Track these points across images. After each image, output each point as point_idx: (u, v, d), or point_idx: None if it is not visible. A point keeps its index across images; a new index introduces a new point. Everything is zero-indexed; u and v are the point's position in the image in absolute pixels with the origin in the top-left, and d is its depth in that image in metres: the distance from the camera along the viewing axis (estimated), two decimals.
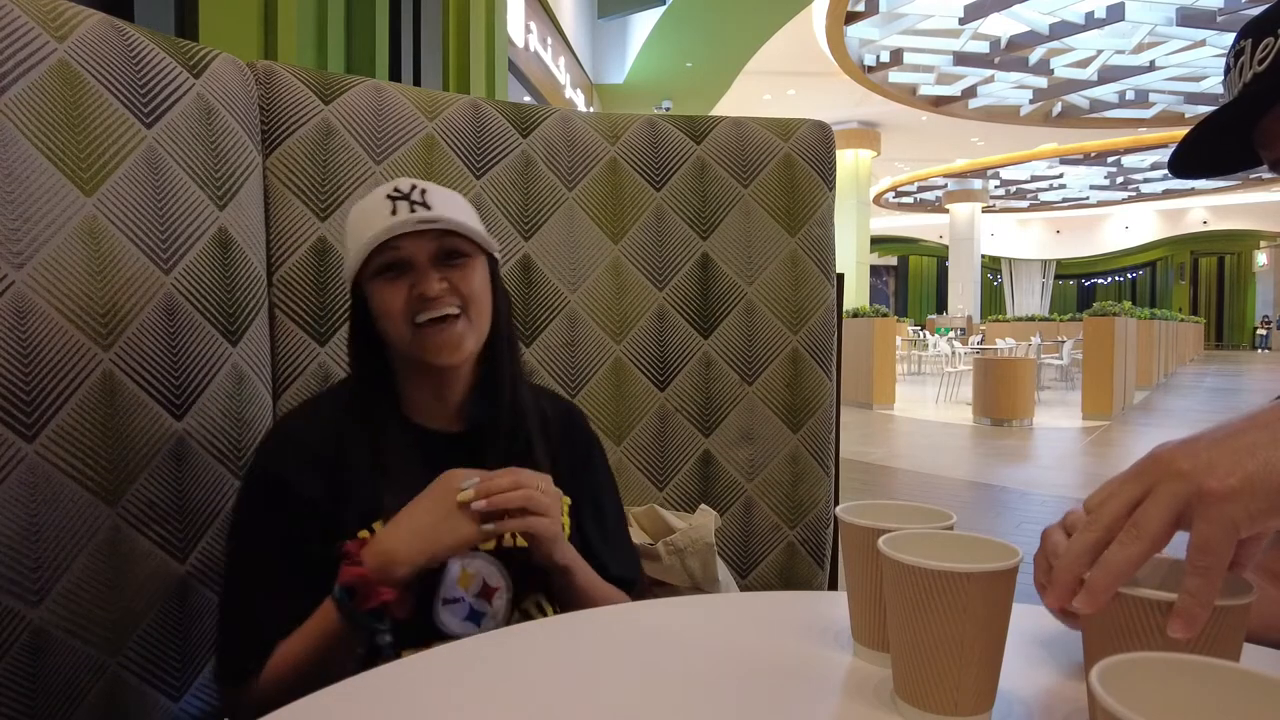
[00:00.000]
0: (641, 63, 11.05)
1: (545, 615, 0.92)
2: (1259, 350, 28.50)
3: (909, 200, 27.75)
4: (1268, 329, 28.97)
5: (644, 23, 10.34)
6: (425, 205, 0.89)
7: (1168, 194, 26.85)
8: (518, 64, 7.66)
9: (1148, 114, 16.53)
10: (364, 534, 0.85)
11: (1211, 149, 0.84)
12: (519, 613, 0.92)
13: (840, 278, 1.50)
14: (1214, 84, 14.90)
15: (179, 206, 0.97)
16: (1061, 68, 14.23)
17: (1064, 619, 0.58)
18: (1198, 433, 0.50)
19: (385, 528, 0.82)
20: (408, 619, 0.82)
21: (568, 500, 0.95)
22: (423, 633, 0.85)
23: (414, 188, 0.90)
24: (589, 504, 1.00)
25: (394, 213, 0.87)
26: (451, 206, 0.91)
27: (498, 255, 0.96)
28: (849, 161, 17.66)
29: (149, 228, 0.93)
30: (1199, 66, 14.00)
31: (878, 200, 26.19)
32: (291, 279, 1.14)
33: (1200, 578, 0.46)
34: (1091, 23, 12.42)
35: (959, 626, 0.52)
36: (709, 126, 1.44)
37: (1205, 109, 16.21)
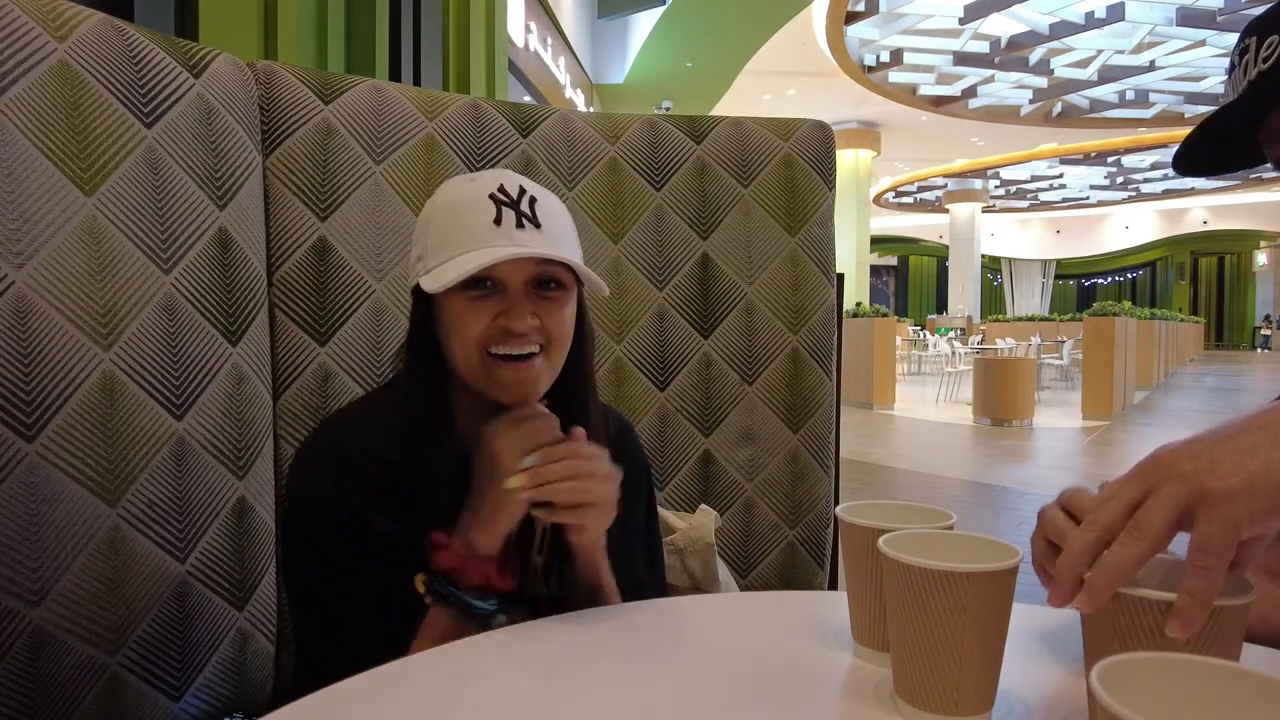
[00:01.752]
0: (641, 63, 11.06)
1: None
2: (1260, 350, 28.49)
3: (909, 200, 27.77)
4: (1270, 329, 28.95)
5: (644, 23, 10.34)
6: (534, 220, 0.78)
7: (1168, 194, 26.86)
8: (518, 64, 7.66)
9: (1148, 114, 16.54)
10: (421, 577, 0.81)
11: (1215, 147, 0.84)
12: None
13: (840, 278, 1.50)
14: (1214, 84, 14.90)
15: (179, 206, 0.97)
16: (1061, 68, 14.24)
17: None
18: (1199, 434, 0.50)
19: (468, 507, 0.78)
20: (513, 590, 0.78)
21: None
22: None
23: (523, 193, 0.80)
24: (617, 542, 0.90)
25: (498, 220, 0.77)
26: (559, 226, 0.81)
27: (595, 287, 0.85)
28: (849, 161, 17.67)
29: (149, 228, 0.93)
30: (1199, 66, 14.01)
31: (878, 200, 26.19)
32: (291, 279, 1.14)
33: (1200, 578, 0.46)
34: (1091, 23, 12.43)
35: (959, 626, 0.52)
36: (709, 126, 1.44)
37: (1205, 109, 16.20)
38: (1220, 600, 0.47)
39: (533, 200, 0.80)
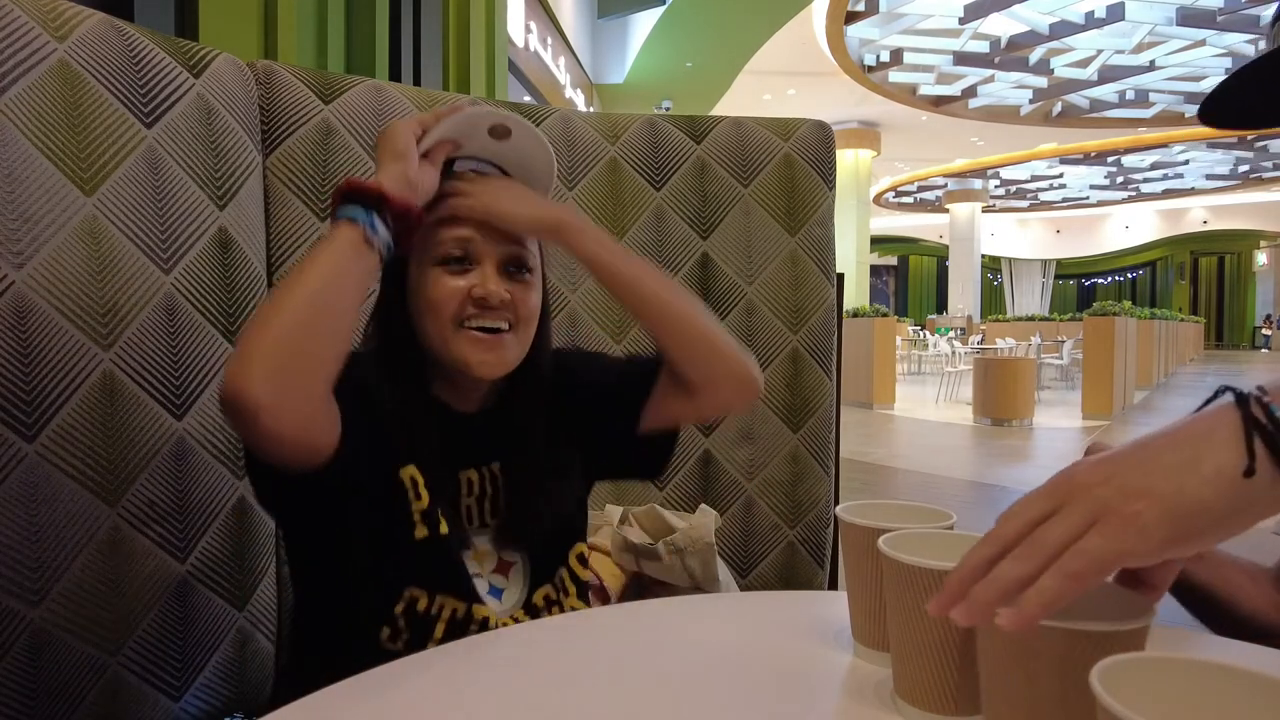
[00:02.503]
0: (641, 63, 11.05)
1: (567, 592, 0.90)
2: (1261, 350, 28.42)
3: (909, 200, 27.75)
4: (1270, 329, 28.91)
5: (644, 23, 10.34)
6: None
7: (1168, 194, 26.83)
8: (518, 64, 7.66)
9: (1148, 114, 16.52)
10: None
11: (1245, 99, 0.81)
12: (552, 588, 0.89)
13: (840, 278, 1.50)
14: (1214, 84, 14.85)
15: (179, 206, 0.97)
16: (1061, 67, 14.23)
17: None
18: (1114, 450, 0.47)
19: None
20: (409, 230, 0.78)
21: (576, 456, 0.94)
22: (464, 592, 0.82)
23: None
24: (610, 406, 0.94)
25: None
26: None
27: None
28: (849, 161, 17.65)
29: (149, 228, 0.93)
30: (1199, 66, 14.00)
31: (878, 200, 26.17)
32: None
33: (1059, 579, 0.42)
34: (1091, 22, 12.41)
35: (958, 627, 0.52)
36: (709, 126, 1.44)
37: None
38: (1117, 625, 0.43)
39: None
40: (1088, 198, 27.92)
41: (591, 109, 11.29)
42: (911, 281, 36.35)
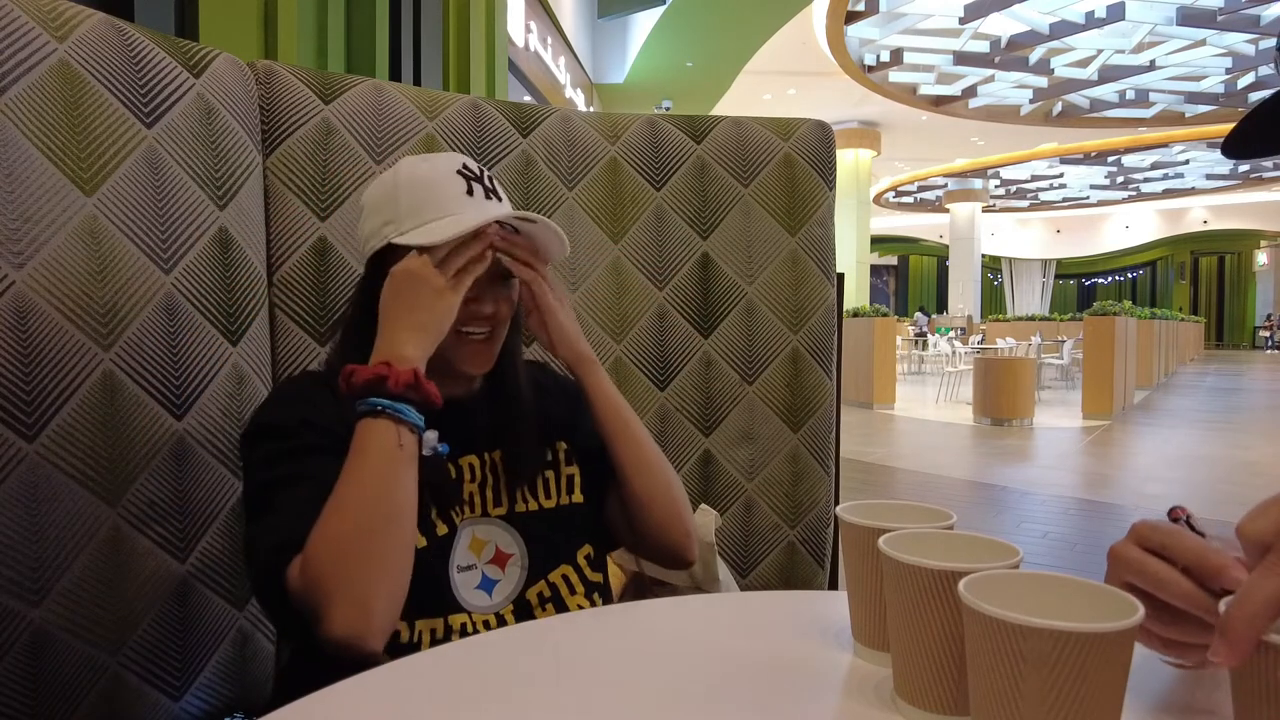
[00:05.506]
0: (641, 62, 11.06)
1: (574, 590, 0.91)
2: (1268, 350, 28.33)
3: (909, 200, 27.77)
4: (1270, 328, 28.86)
5: (644, 22, 10.35)
6: (497, 194, 0.90)
7: (1168, 194, 26.85)
8: (518, 64, 7.66)
9: (1148, 114, 16.54)
10: None
11: (1267, 131, 0.82)
12: (547, 585, 0.90)
13: (840, 277, 1.50)
14: (1214, 84, 14.90)
15: (179, 206, 0.97)
16: (1061, 67, 14.25)
17: (1170, 652, 0.54)
18: None
19: (381, 336, 0.81)
20: (440, 403, 0.80)
21: (564, 445, 0.99)
22: (439, 605, 0.83)
23: (483, 172, 0.90)
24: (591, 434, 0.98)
25: (470, 192, 0.87)
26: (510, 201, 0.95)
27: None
28: (849, 161, 17.67)
29: (149, 228, 0.93)
30: (1199, 66, 14.02)
31: (878, 200, 26.19)
32: (292, 279, 1.14)
33: None
34: (1091, 22, 12.43)
35: (959, 626, 0.52)
36: (709, 126, 1.44)
37: (1205, 108, 16.23)
38: (1103, 625, 0.42)
39: (491, 178, 0.91)
40: (1088, 198, 27.93)
41: (591, 109, 11.29)
42: (911, 281, 36.36)
